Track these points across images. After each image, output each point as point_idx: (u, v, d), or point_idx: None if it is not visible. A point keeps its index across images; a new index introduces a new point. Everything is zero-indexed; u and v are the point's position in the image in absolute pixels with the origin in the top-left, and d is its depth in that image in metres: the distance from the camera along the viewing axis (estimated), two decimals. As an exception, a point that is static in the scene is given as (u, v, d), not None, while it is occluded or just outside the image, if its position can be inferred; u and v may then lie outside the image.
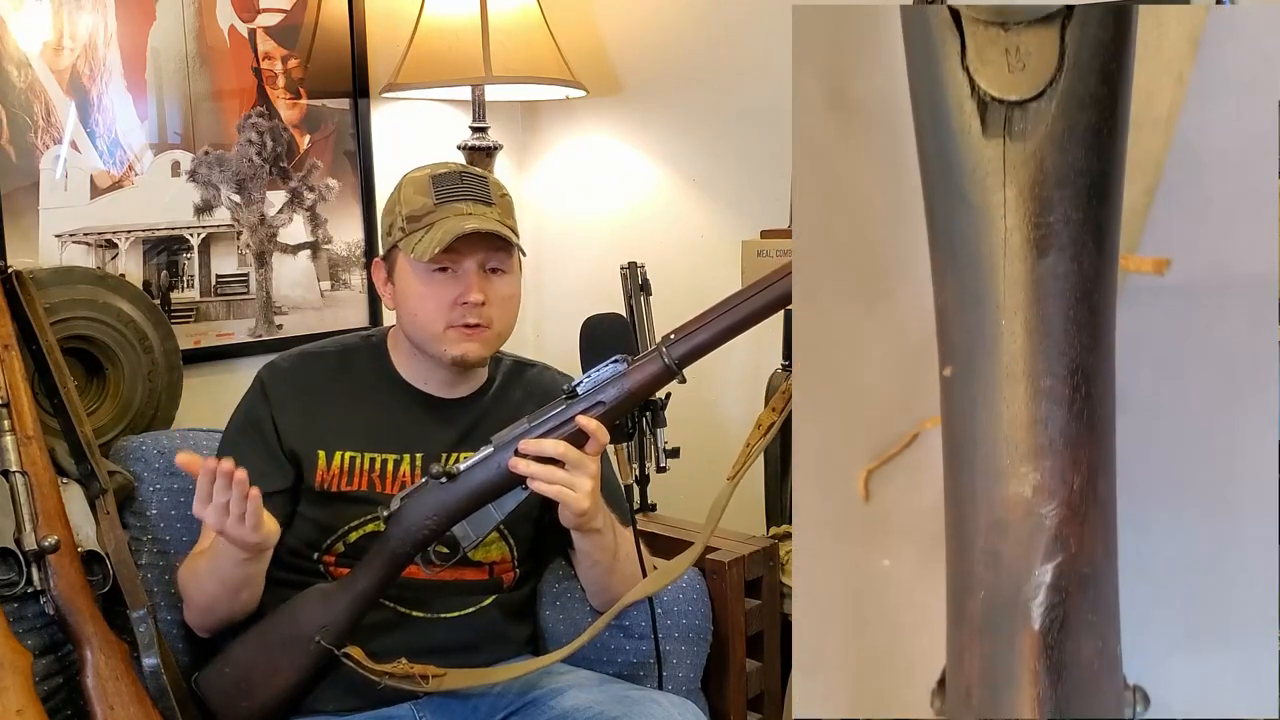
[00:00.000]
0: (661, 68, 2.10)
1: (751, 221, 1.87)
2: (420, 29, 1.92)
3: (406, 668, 1.24)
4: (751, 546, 1.54)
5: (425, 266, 1.29)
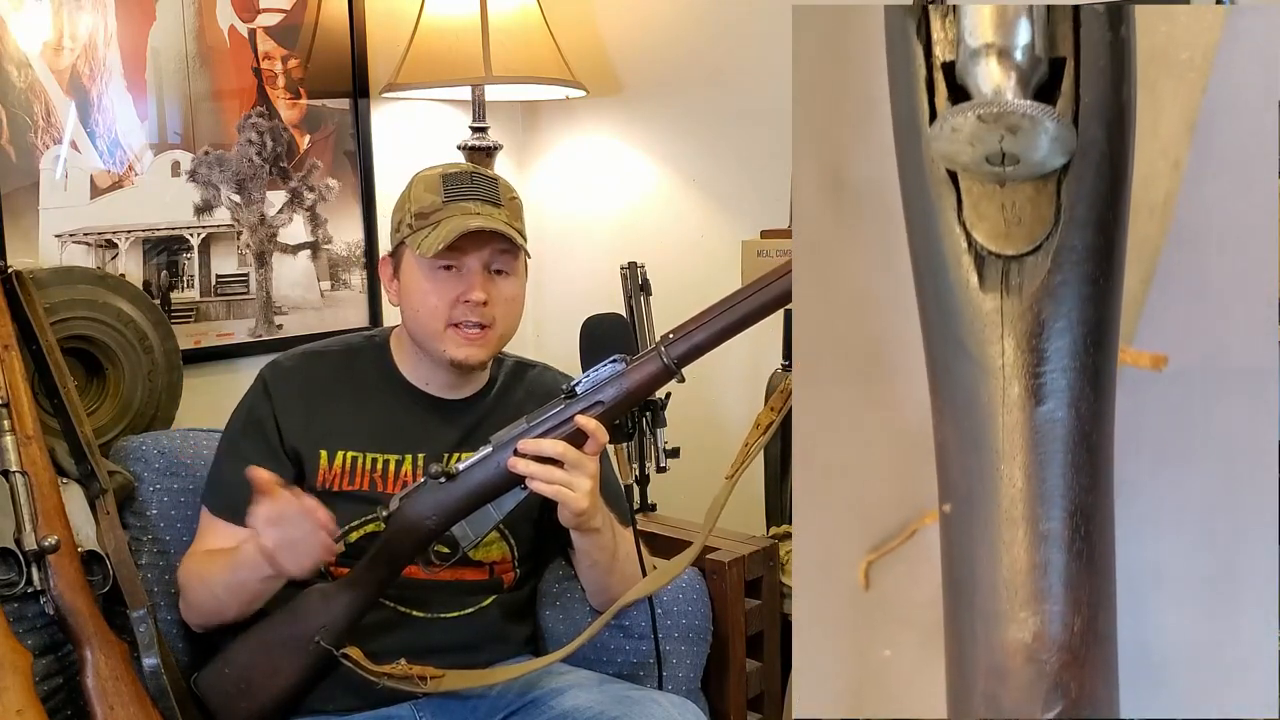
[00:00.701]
0: (661, 68, 2.10)
1: (751, 221, 1.87)
2: (420, 29, 1.93)
3: (405, 668, 1.23)
4: (751, 546, 1.54)
5: (430, 263, 1.29)
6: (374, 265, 2.05)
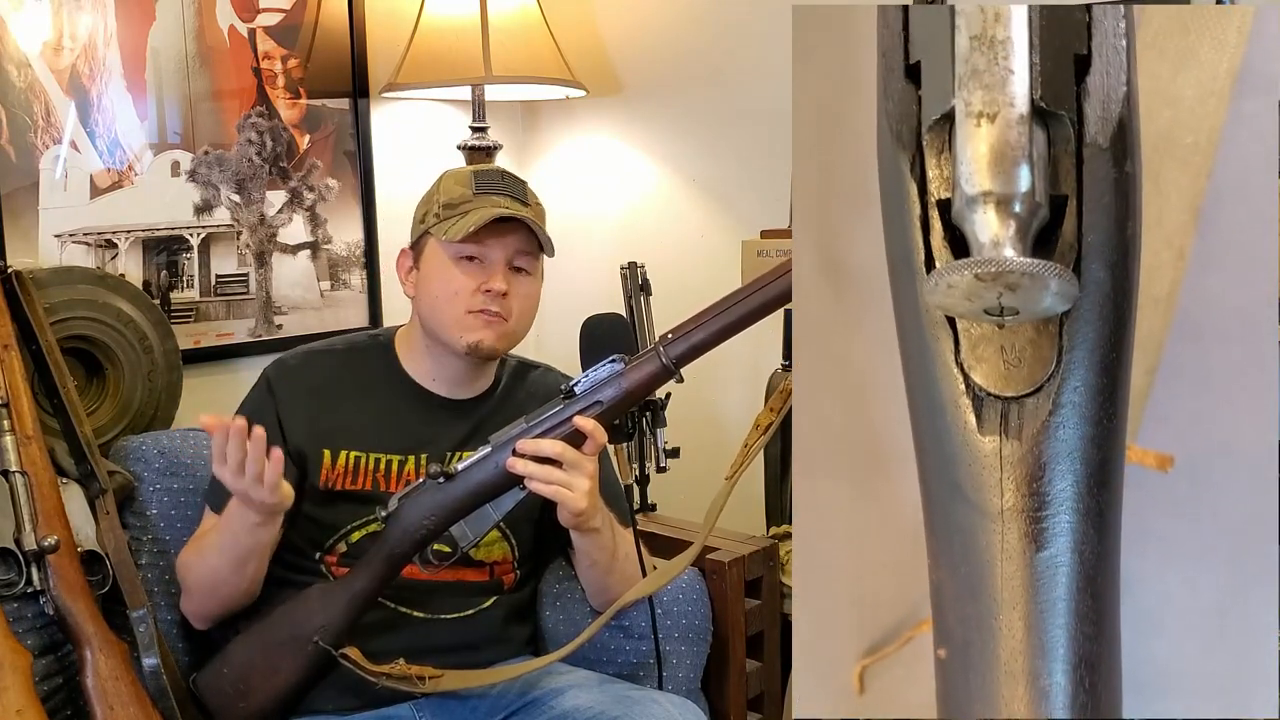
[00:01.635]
0: (661, 68, 2.10)
1: (751, 221, 1.87)
2: (420, 29, 1.93)
3: (404, 669, 1.23)
4: (751, 546, 1.54)
5: (455, 250, 1.30)
6: (374, 265, 2.05)
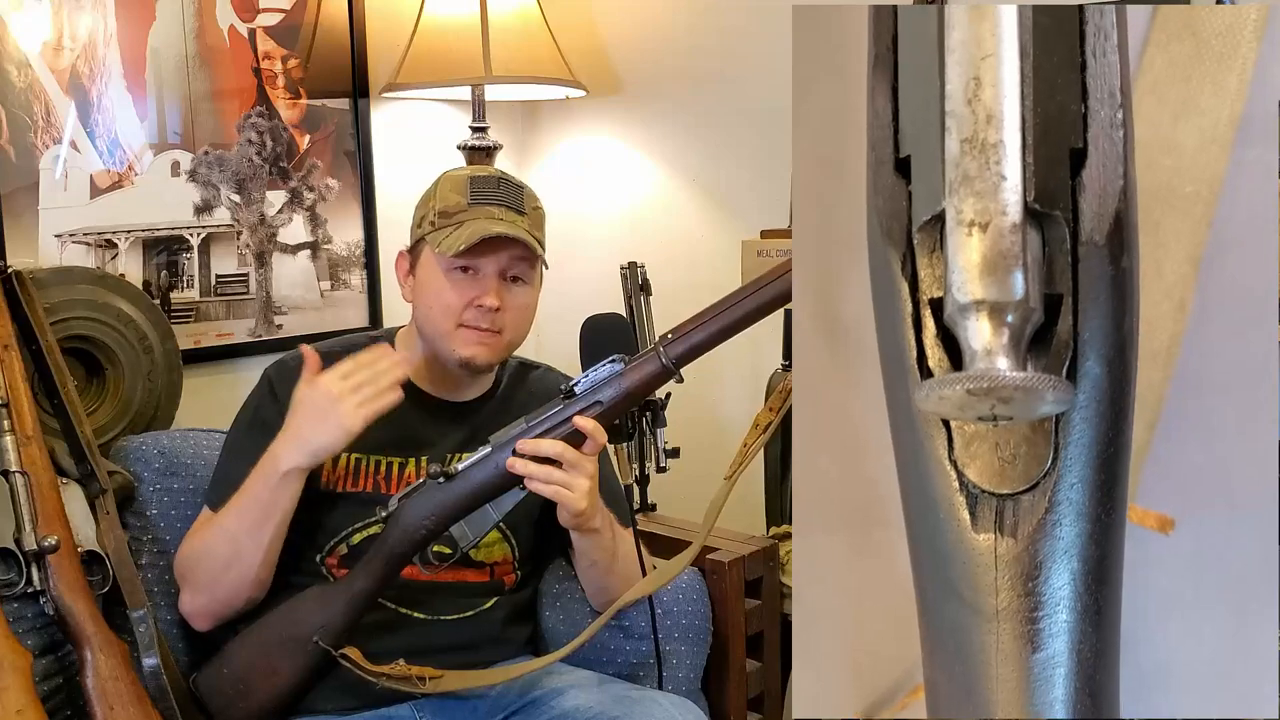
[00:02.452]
0: (661, 68, 2.10)
1: (751, 221, 1.87)
2: (420, 29, 1.93)
3: (404, 669, 1.23)
4: (751, 546, 1.54)
5: (448, 263, 1.29)
6: (374, 265, 2.05)
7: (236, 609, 1.30)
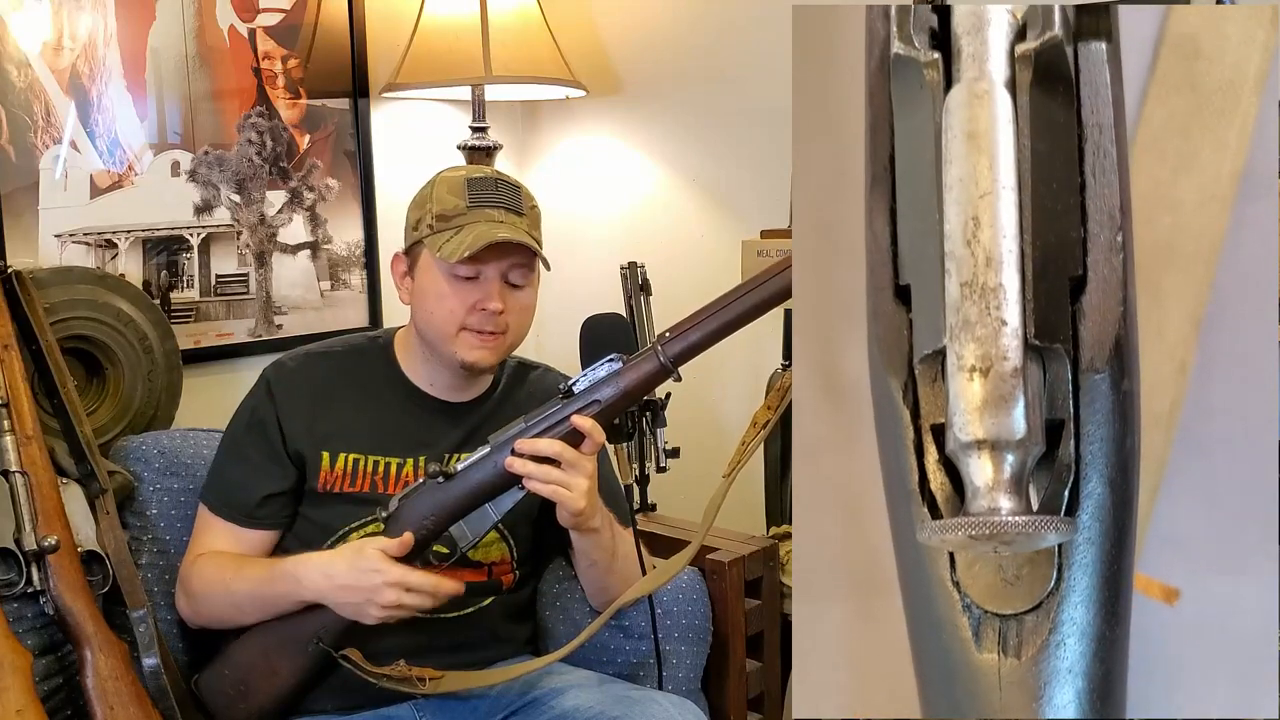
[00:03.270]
0: (661, 68, 2.10)
1: (751, 221, 1.87)
2: (420, 29, 1.93)
3: (405, 669, 1.23)
4: (751, 546, 1.53)
5: (449, 268, 1.28)
6: (374, 265, 2.05)
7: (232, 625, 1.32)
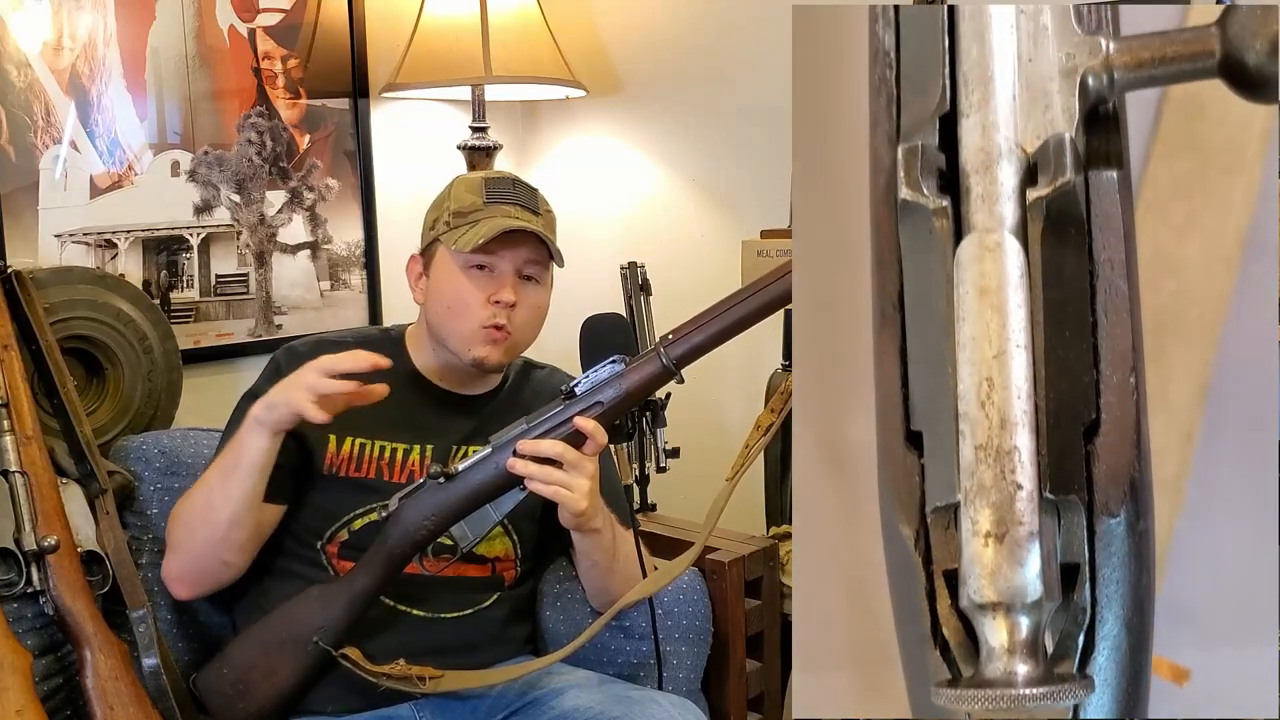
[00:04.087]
0: (661, 68, 2.10)
1: (751, 221, 1.87)
2: (420, 29, 1.93)
3: (405, 669, 1.23)
4: (751, 546, 1.53)
5: (464, 260, 1.30)
6: (374, 265, 2.05)
7: (213, 575, 1.29)
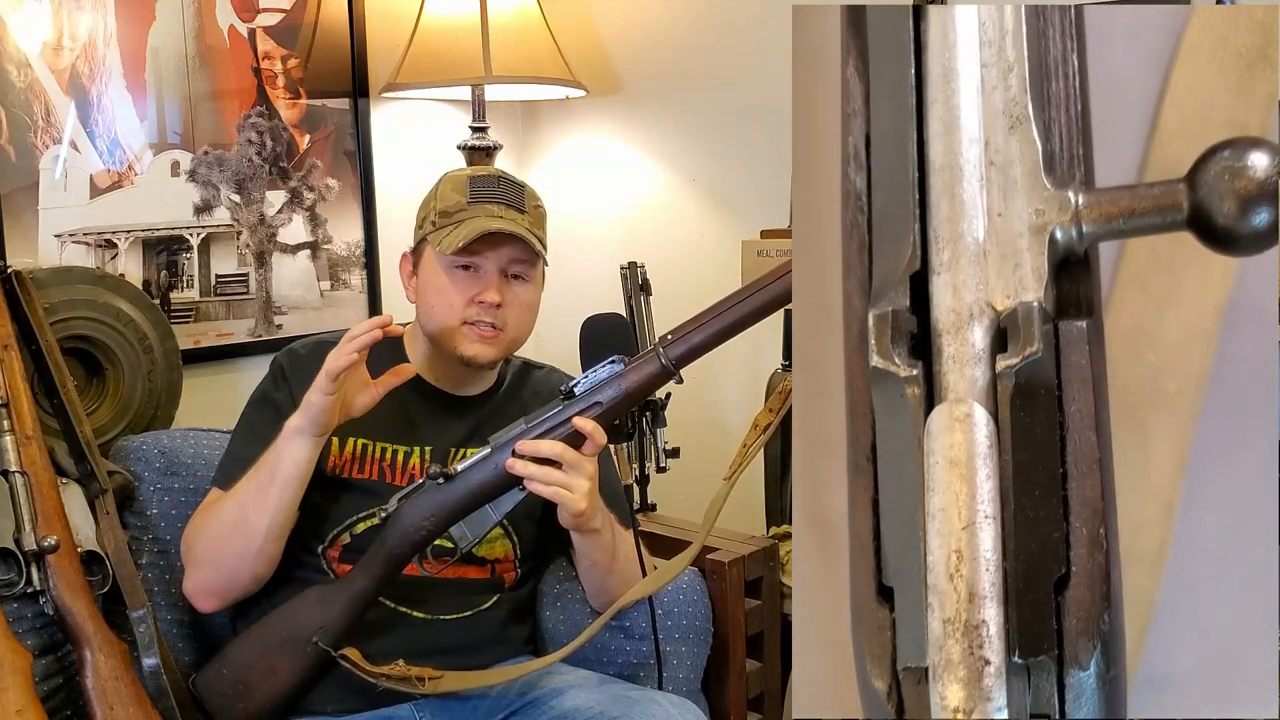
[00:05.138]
0: (661, 67, 2.11)
1: (751, 221, 1.87)
2: (420, 29, 1.93)
3: (404, 670, 1.23)
4: (751, 546, 1.53)
5: (449, 261, 1.30)
6: (374, 265, 2.05)
7: (241, 586, 1.28)
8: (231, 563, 1.27)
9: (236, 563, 1.26)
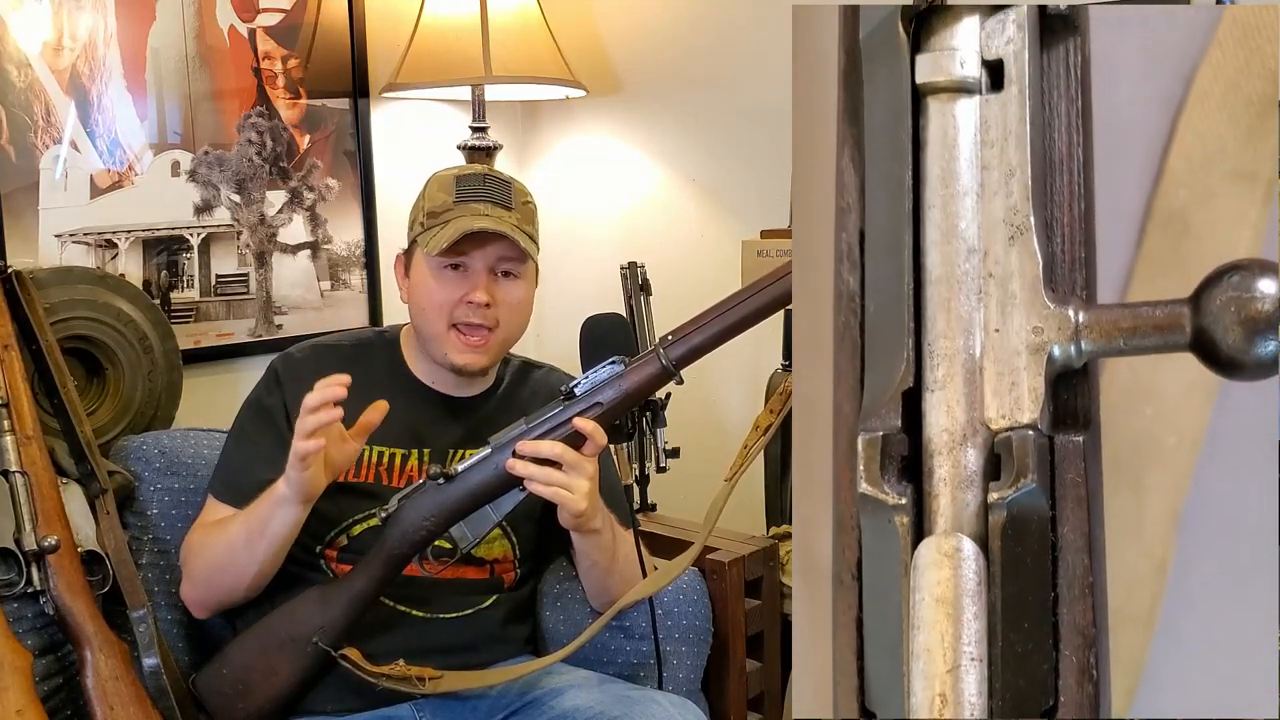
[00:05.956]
0: (661, 68, 2.11)
1: (751, 221, 1.87)
2: (420, 29, 1.93)
3: (404, 669, 1.23)
4: (751, 546, 1.54)
5: (436, 262, 1.30)
6: (374, 265, 2.05)
7: (233, 604, 1.31)
8: (221, 594, 1.31)
9: (225, 592, 1.30)
